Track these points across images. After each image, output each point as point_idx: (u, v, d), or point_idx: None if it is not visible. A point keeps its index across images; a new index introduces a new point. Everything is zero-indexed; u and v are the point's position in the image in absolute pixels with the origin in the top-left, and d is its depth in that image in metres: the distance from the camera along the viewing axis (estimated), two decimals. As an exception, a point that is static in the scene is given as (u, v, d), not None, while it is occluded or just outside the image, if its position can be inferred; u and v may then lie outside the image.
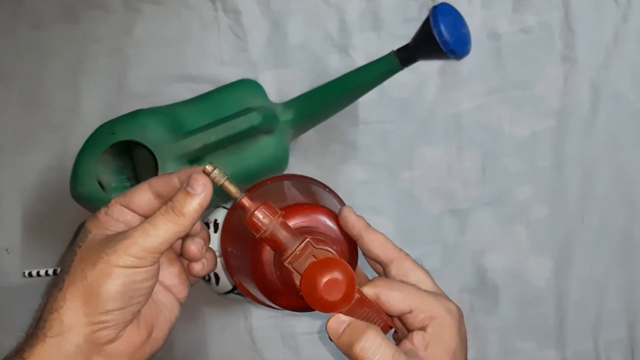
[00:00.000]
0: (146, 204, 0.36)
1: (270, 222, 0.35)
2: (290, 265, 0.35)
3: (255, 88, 0.57)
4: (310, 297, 0.33)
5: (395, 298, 0.35)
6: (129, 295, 0.33)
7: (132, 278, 0.32)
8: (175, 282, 0.38)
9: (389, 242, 0.39)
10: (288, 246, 0.35)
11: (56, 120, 0.64)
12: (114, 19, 0.65)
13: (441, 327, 0.35)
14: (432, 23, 0.47)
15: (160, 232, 0.33)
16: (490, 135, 0.67)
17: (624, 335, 0.66)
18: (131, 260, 0.32)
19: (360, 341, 0.33)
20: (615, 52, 0.67)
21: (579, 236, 0.67)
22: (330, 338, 0.35)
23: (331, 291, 0.33)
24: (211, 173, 0.34)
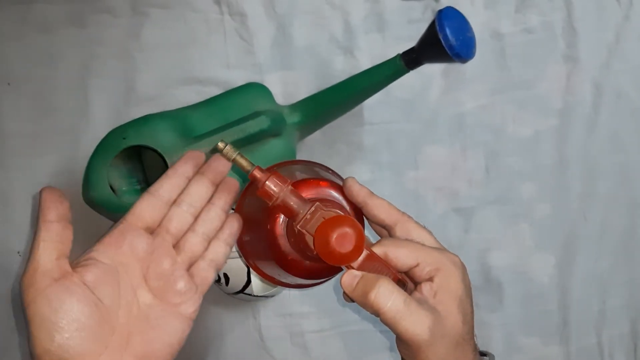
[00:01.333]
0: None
1: (280, 189, 0.37)
2: (303, 229, 0.37)
3: (262, 91, 0.58)
4: (324, 251, 0.36)
5: (402, 254, 0.37)
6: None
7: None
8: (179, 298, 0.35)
9: (392, 206, 0.41)
10: (299, 211, 0.37)
11: (65, 123, 0.64)
12: (121, 23, 0.65)
13: (447, 277, 0.37)
14: (438, 27, 0.47)
15: (33, 245, 0.33)
16: (494, 135, 0.68)
17: (627, 330, 0.67)
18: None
19: (374, 289, 0.35)
20: (618, 52, 0.68)
21: (582, 233, 0.68)
22: (344, 294, 0.38)
23: (343, 243, 0.35)
24: (223, 149, 0.37)
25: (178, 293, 0.35)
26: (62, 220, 0.33)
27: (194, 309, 0.36)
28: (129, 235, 0.35)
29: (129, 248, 0.35)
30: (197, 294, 0.36)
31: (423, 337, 0.34)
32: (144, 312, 0.34)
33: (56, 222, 0.33)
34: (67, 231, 0.33)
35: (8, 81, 0.64)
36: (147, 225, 0.36)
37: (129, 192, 0.55)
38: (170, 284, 0.35)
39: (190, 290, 0.36)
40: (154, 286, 0.35)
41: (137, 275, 0.35)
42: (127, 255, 0.35)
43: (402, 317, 0.35)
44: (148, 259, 0.35)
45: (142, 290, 0.35)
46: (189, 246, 0.37)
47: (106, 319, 0.32)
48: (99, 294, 0.32)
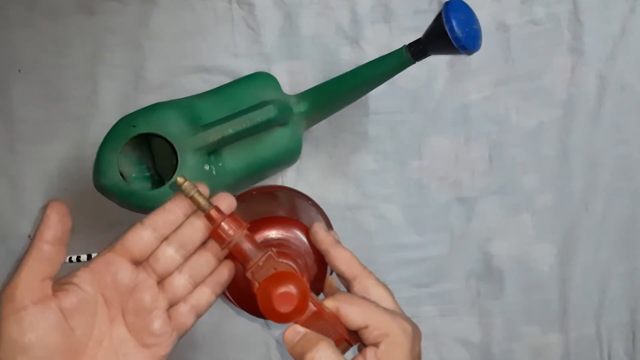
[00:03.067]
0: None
1: (234, 233, 0.36)
2: (251, 276, 0.36)
3: (270, 81, 0.58)
4: (264, 307, 0.35)
5: (353, 312, 0.36)
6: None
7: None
8: (153, 339, 0.35)
9: (354, 259, 0.40)
10: (251, 258, 0.36)
11: (75, 110, 0.65)
12: (130, 10, 0.66)
13: (394, 345, 0.36)
14: (444, 19, 0.48)
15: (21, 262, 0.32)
16: (498, 126, 0.68)
17: (626, 320, 0.68)
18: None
19: (311, 352, 0.33)
20: (623, 44, 0.68)
21: (583, 224, 0.69)
22: (286, 347, 0.36)
23: (283, 303, 0.34)
24: (182, 184, 0.36)
25: (153, 334, 0.35)
26: (57, 243, 0.33)
27: (165, 352, 0.35)
28: (114, 266, 0.35)
29: (112, 279, 0.34)
30: (171, 338, 0.36)
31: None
32: (115, 346, 0.34)
33: (51, 244, 0.32)
34: (59, 254, 0.33)
35: (18, 68, 0.65)
36: (135, 257, 0.36)
37: (139, 178, 0.56)
38: (146, 323, 0.35)
39: (165, 333, 0.35)
40: (130, 321, 0.35)
41: (116, 308, 0.35)
42: (109, 286, 0.34)
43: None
44: (129, 293, 0.35)
45: (118, 323, 0.35)
46: (172, 287, 0.37)
47: (74, 349, 0.32)
48: (73, 323, 0.32)
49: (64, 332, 0.32)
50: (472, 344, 0.68)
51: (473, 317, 0.68)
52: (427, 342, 0.68)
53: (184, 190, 0.36)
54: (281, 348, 0.65)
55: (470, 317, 0.68)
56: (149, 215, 0.37)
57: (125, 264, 0.35)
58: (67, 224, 0.33)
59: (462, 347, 0.68)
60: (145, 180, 0.57)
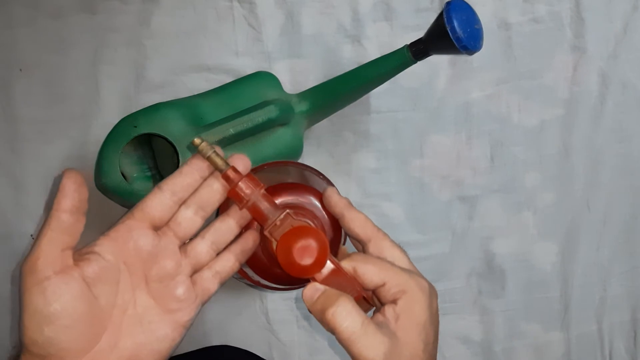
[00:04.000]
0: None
1: (252, 192, 0.36)
2: (269, 235, 0.36)
3: (271, 80, 0.58)
4: (284, 261, 0.35)
5: (370, 271, 0.36)
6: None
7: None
8: (176, 304, 0.35)
9: (368, 221, 0.40)
10: (269, 217, 0.36)
11: (77, 109, 0.66)
12: (131, 10, 0.66)
13: (412, 301, 0.36)
14: (446, 19, 0.48)
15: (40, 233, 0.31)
16: (500, 124, 0.68)
17: (627, 318, 0.69)
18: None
19: (332, 307, 0.34)
20: (625, 42, 0.68)
21: (585, 222, 0.69)
22: (306, 305, 0.37)
23: (303, 256, 0.35)
24: (199, 145, 0.36)
25: (176, 299, 0.35)
26: (76, 212, 0.32)
27: (189, 317, 0.35)
28: (135, 233, 0.34)
29: (134, 246, 0.34)
30: (195, 303, 0.36)
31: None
32: (139, 314, 0.34)
33: (69, 213, 0.32)
34: (78, 224, 0.32)
35: (20, 67, 0.65)
36: (155, 223, 0.35)
37: (140, 178, 0.56)
38: (170, 289, 0.35)
39: (189, 298, 0.35)
40: (153, 288, 0.35)
41: (139, 275, 0.34)
42: (131, 253, 0.34)
43: (357, 339, 0.33)
44: (152, 259, 0.35)
45: (141, 291, 0.34)
46: (195, 253, 0.36)
47: (99, 318, 0.32)
48: (96, 292, 0.32)
49: (88, 301, 0.31)
50: (474, 342, 0.68)
51: (474, 316, 0.68)
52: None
53: (201, 150, 0.36)
54: (284, 347, 0.66)
55: (472, 315, 0.68)
56: (166, 180, 0.36)
57: (146, 230, 0.34)
58: (84, 193, 0.32)
59: (464, 345, 0.68)
60: (147, 180, 0.57)
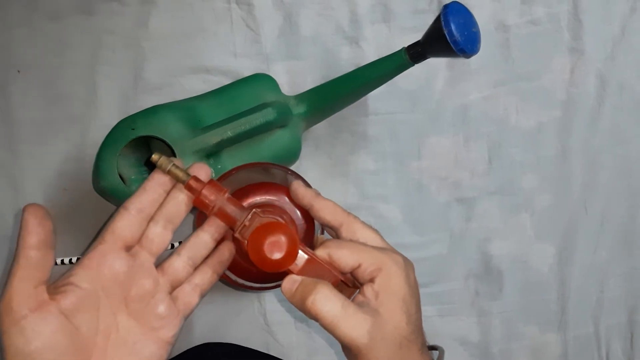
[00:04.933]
0: None
1: (216, 198, 0.37)
2: (240, 236, 0.37)
3: (269, 82, 0.58)
4: (256, 258, 0.36)
5: (344, 255, 0.37)
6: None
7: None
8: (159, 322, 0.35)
9: (337, 207, 0.40)
10: (237, 219, 0.37)
11: (74, 111, 0.65)
12: (129, 11, 0.66)
13: (388, 277, 0.37)
14: (443, 22, 0.48)
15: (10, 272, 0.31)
16: (497, 126, 0.68)
17: (624, 320, 0.69)
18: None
19: (311, 295, 0.35)
20: (623, 44, 0.68)
21: (582, 224, 0.69)
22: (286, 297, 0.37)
23: (274, 251, 0.36)
24: (157, 161, 0.36)
25: (159, 316, 0.35)
26: (42, 247, 0.32)
27: (173, 333, 0.36)
28: (109, 257, 0.34)
29: (109, 271, 0.34)
30: (177, 318, 0.36)
31: (362, 340, 0.34)
32: (123, 337, 0.34)
33: (36, 249, 0.31)
34: (47, 257, 0.32)
35: (18, 69, 0.65)
36: (127, 243, 0.35)
37: (138, 180, 0.56)
38: (151, 307, 0.35)
39: (171, 314, 0.36)
40: (134, 309, 0.35)
41: (118, 299, 0.34)
42: (107, 278, 0.34)
43: (339, 321, 0.34)
44: (129, 280, 0.35)
45: (122, 313, 0.34)
46: (172, 269, 0.37)
47: (82, 347, 0.32)
48: (77, 322, 0.32)
49: (69, 333, 0.31)
50: (471, 343, 0.68)
51: (472, 317, 0.68)
52: (426, 341, 0.69)
53: (160, 165, 0.36)
54: (282, 348, 0.66)
55: (469, 317, 0.68)
56: (130, 199, 0.36)
57: (119, 252, 0.35)
58: (48, 226, 0.32)
59: (461, 346, 0.68)
60: (145, 182, 0.57)
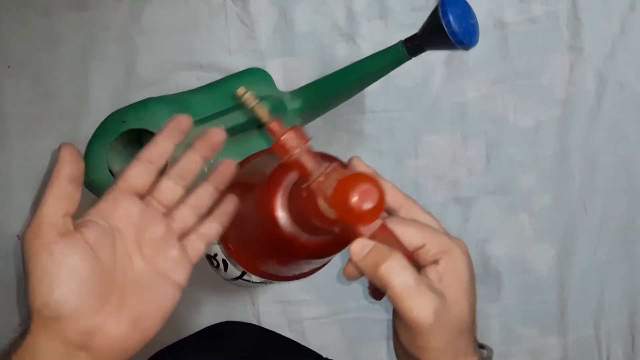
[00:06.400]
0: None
1: (298, 144, 0.35)
2: (317, 187, 0.35)
3: (263, 77, 0.57)
4: (342, 207, 0.33)
5: (408, 233, 0.35)
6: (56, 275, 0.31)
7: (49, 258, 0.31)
8: (171, 265, 0.36)
9: (396, 189, 0.39)
10: (313, 170, 0.35)
11: (65, 107, 0.64)
12: (122, 6, 0.65)
13: (454, 261, 0.35)
14: (441, 13, 0.47)
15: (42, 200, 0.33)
16: (495, 125, 0.68)
17: (625, 322, 0.68)
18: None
19: (387, 261, 0.33)
20: (622, 42, 0.68)
21: (582, 224, 0.68)
22: (346, 270, 0.36)
23: (365, 199, 0.33)
24: (243, 95, 0.36)
25: (170, 260, 0.36)
26: (74, 181, 0.33)
27: (184, 277, 0.36)
28: (123, 201, 0.35)
29: (124, 214, 0.35)
30: (189, 262, 0.37)
31: (427, 320, 0.32)
32: (138, 277, 0.35)
33: (69, 181, 0.33)
34: (76, 192, 0.34)
35: (8, 64, 0.64)
36: (139, 191, 0.36)
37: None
38: (162, 251, 0.36)
39: (183, 258, 0.36)
40: (147, 252, 0.35)
41: (132, 241, 0.35)
42: (122, 220, 0.35)
43: (409, 295, 0.32)
44: (142, 225, 0.35)
45: (136, 256, 0.35)
46: (180, 217, 0.37)
47: (105, 278, 0.33)
48: (99, 254, 0.33)
49: (93, 262, 0.32)
50: (469, 346, 0.67)
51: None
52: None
53: (245, 100, 0.36)
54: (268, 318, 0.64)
55: (467, 319, 0.67)
56: (142, 151, 0.37)
57: (133, 198, 0.35)
58: (81, 164, 0.34)
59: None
60: (136, 178, 0.56)
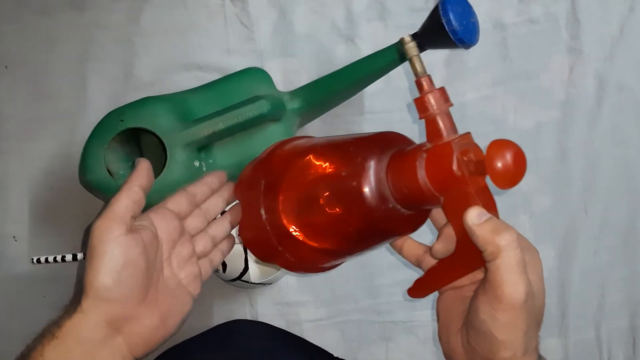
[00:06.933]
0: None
1: (439, 106, 0.36)
2: (454, 148, 0.35)
3: (262, 76, 0.57)
4: (495, 166, 0.34)
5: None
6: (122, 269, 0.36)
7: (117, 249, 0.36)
8: (190, 280, 0.41)
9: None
10: (444, 134, 0.36)
11: (63, 108, 0.64)
12: (121, 7, 0.65)
13: (534, 259, 0.37)
14: (441, 12, 0.47)
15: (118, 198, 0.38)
16: (495, 126, 0.67)
17: (626, 325, 0.67)
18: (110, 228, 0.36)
19: (507, 232, 0.34)
20: (621, 44, 0.67)
21: (582, 227, 0.67)
22: (466, 225, 0.35)
23: (519, 162, 0.35)
24: (407, 44, 0.36)
25: (190, 275, 0.41)
26: (145, 190, 0.39)
27: (198, 291, 0.42)
28: (169, 216, 0.40)
29: (167, 228, 0.40)
30: (200, 280, 0.42)
31: (521, 298, 0.33)
32: (167, 282, 0.40)
33: (142, 188, 0.39)
34: (143, 200, 0.39)
35: (5, 64, 0.64)
36: (180, 215, 0.41)
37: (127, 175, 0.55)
38: (186, 267, 0.41)
39: (198, 276, 0.42)
40: (174, 265, 0.41)
41: (166, 251, 0.40)
42: (164, 232, 0.40)
43: (515, 269, 0.33)
44: (176, 241, 0.41)
45: (167, 264, 0.40)
46: (202, 243, 0.43)
47: (150, 275, 0.38)
48: (149, 255, 0.38)
49: (146, 258, 0.37)
50: (469, 349, 0.66)
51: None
52: (424, 347, 0.67)
53: (407, 49, 0.36)
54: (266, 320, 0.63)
55: (467, 321, 0.66)
56: (191, 185, 0.43)
57: (175, 217, 0.41)
58: (152, 178, 0.40)
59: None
60: (134, 177, 0.55)
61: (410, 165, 0.36)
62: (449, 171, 0.35)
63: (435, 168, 0.36)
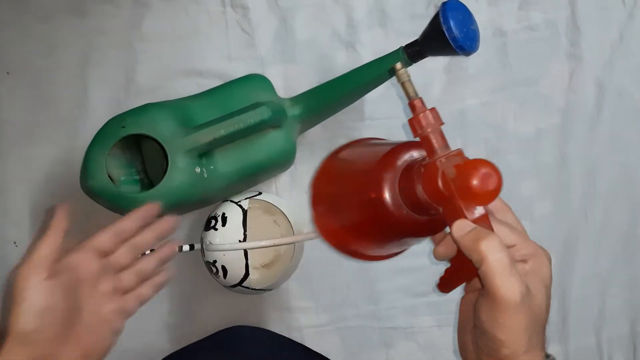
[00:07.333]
0: None
1: (433, 124, 0.39)
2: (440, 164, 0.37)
3: (263, 83, 0.57)
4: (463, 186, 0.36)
5: (502, 232, 0.37)
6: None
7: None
8: (112, 316, 0.43)
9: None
10: (438, 150, 0.38)
11: (64, 113, 0.64)
12: (122, 13, 0.65)
13: (540, 264, 0.37)
14: (442, 19, 0.47)
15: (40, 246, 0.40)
16: (495, 132, 0.67)
17: (627, 331, 0.67)
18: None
19: (488, 238, 0.35)
20: (621, 50, 0.68)
21: (583, 232, 0.67)
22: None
23: (487, 181, 0.36)
24: (399, 70, 0.39)
25: (113, 312, 0.44)
26: (64, 234, 0.41)
27: (121, 326, 0.44)
28: (90, 255, 0.43)
29: (88, 267, 0.42)
30: (125, 315, 0.45)
31: (515, 298, 0.34)
32: (88, 319, 0.42)
33: (63, 235, 0.41)
34: (63, 244, 0.41)
35: (7, 70, 0.64)
36: (105, 252, 0.44)
37: (128, 181, 0.55)
38: (108, 304, 0.44)
39: (121, 311, 0.44)
40: (97, 301, 0.43)
41: (87, 289, 0.42)
42: (86, 272, 0.42)
43: (503, 272, 0.34)
44: (97, 279, 0.43)
45: (88, 302, 0.42)
46: (126, 279, 0.45)
47: (72, 315, 0.40)
48: (69, 297, 0.40)
49: (67, 301, 0.40)
50: (470, 355, 0.66)
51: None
52: (424, 353, 0.67)
53: (399, 75, 0.39)
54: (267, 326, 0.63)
55: (468, 327, 0.66)
56: (115, 222, 0.45)
57: (95, 257, 0.43)
58: (68, 219, 0.43)
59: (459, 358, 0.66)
60: (135, 184, 0.56)
61: (411, 180, 0.39)
62: (437, 188, 0.37)
63: (427, 184, 0.38)
